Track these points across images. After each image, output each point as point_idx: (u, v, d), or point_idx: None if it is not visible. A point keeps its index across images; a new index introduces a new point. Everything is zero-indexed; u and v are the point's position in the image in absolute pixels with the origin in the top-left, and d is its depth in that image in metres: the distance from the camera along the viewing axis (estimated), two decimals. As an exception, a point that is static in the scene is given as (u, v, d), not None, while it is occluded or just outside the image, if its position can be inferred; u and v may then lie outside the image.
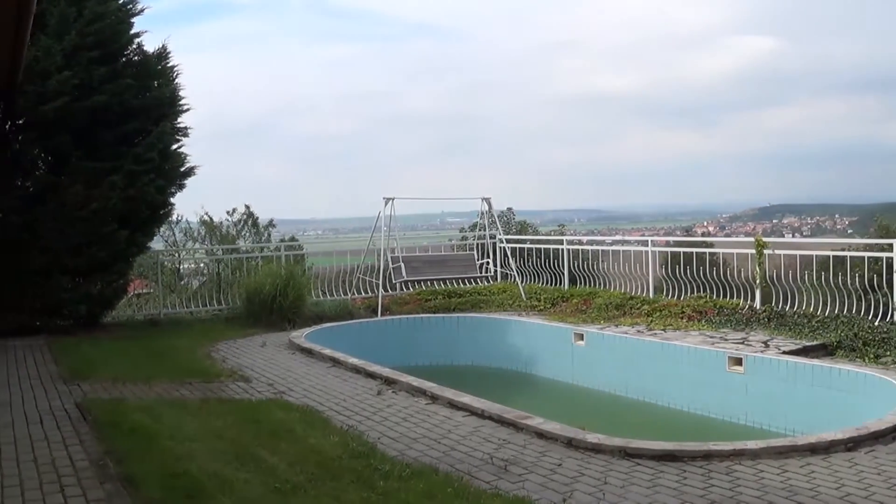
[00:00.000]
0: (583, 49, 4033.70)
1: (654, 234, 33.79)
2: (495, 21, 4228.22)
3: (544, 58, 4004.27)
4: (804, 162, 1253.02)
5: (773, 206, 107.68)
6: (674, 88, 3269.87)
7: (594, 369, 12.89)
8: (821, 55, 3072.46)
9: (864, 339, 10.98)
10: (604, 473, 6.31)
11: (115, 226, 13.67)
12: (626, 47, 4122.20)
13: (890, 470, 6.21)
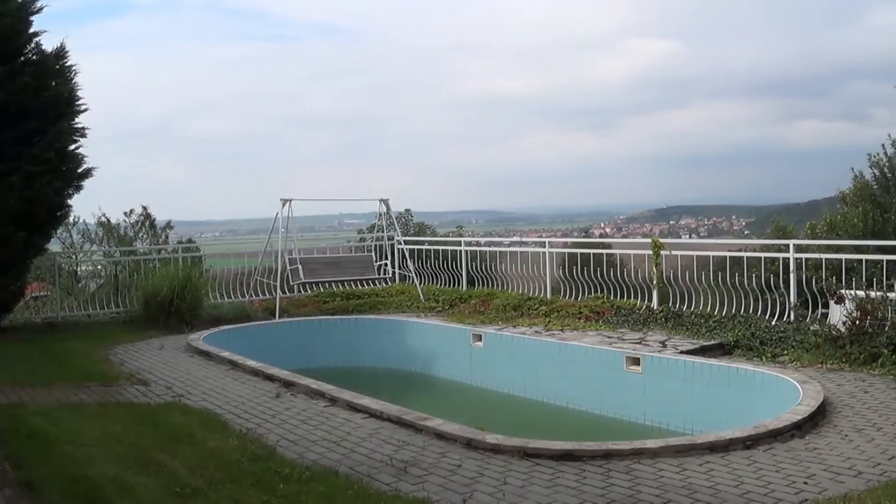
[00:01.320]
0: (483, 51, 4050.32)
1: (551, 235, 34.41)
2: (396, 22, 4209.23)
3: (445, 59, 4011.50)
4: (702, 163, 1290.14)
5: (670, 208, 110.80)
6: (573, 90, 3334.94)
7: (493, 370, 13.15)
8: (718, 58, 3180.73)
9: (761, 339, 11.42)
10: (503, 474, 6.44)
11: (12, 228, 13.35)
12: (526, 49, 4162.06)
13: (788, 467, 6.44)
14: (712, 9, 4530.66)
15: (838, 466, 6.43)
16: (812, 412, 7.71)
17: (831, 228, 22.15)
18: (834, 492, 5.82)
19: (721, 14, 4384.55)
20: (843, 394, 8.75)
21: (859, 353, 10.11)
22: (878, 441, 7.06)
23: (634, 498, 5.86)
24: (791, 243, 13.30)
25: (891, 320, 10.55)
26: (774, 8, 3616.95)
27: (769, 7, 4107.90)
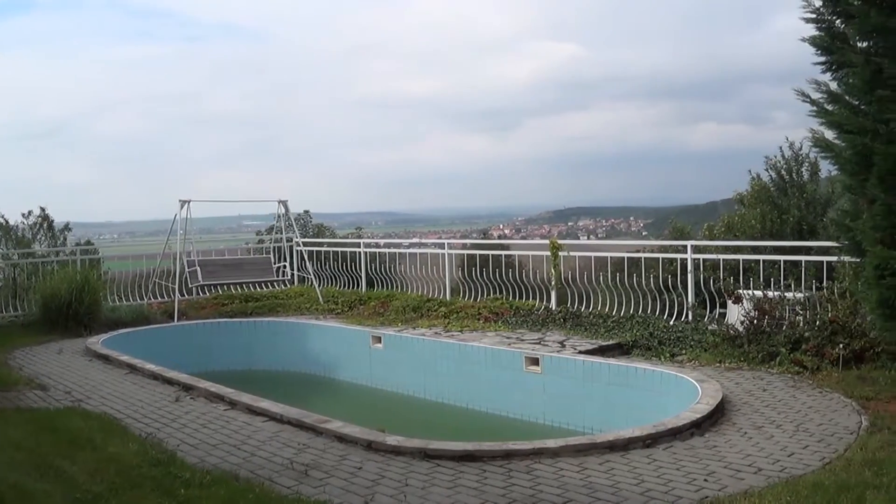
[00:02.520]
0: (387, 52, 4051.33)
1: (451, 236, 34.68)
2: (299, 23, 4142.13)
3: (348, 60, 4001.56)
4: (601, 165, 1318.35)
5: (569, 209, 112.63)
6: (476, 92, 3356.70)
7: (392, 372, 13.26)
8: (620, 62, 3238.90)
9: (659, 338, 11.69)
10: (404, 475, 6.53)
11: None
12: (430, 51, 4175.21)
13: (688, 465, 6.58)
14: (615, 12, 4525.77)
15: (738, 464, 6.59)
16: (711, 410, 7.88)
17: (729, 229, 22.73)
18: (734, 489, 5.96)
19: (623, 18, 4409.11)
20: (742, 392, 8.98)
21: (757, 352, 10.39)
22: (777, 438, 7.26)
23: (535, 498, 5.93)
24: (689, 244, 13.64)
25: (788, 319, 10.89)
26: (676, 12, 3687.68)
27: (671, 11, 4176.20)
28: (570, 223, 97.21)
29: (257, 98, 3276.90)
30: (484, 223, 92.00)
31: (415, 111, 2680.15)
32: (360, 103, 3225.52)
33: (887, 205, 7.46)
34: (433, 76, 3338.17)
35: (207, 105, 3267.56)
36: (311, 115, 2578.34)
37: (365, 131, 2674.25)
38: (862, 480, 5.89)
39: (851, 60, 7.92)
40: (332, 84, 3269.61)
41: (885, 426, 7.32)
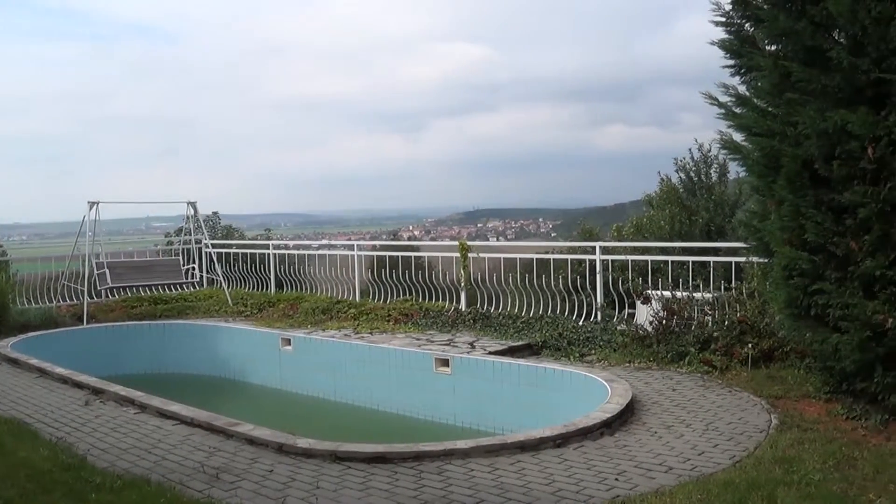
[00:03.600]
0: (299, 53, 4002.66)
1: (360, 237, 34.69)
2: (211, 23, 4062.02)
3: (259, 61, 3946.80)
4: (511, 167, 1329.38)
5: (478, 211, 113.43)
6: (385, 93, 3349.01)
7: (303, 374, 13.21)
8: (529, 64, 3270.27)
9: (568, 339, 11.81)
10: (315, 478, 6.51)
11: None
12: (342, 52, 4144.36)
13: (599, 465, 6.64)
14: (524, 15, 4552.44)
15: (649, 463, 6.67)
16: (621, 410, 7.96)
17: (638, 231, 23.15)
18: (645, 488, 6.02)
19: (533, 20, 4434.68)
20: (652, 392, 9.11)
21: (666, 352, 10.57)
22: (687, 437, 7.37)
23: (447, 499, 5.92)
24: (597, 245, 13.83)
25: (697, 320, 11.11)
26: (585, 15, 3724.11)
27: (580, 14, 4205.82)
28: (479, 224, 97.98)
29: (168, 99, 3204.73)
30: (394, 224, 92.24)
31: (325, 112, 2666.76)
32: (269, 104, 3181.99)
33: (795, 206, 7.64)
34: (343, 77, 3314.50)
35: (118, 105, 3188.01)
36: (222, 116, 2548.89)
37: (275, 132, 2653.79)
38: (772, 478, 6.01)
39: (760, 64, 8.10)
40: (243, 85, 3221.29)
41: (795, 424, 7.50)
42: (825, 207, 7.44)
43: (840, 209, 7.34)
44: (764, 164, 8.28)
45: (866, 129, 6.91)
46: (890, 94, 6.88)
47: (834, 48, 7.18)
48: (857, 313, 7.12)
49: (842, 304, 7.30)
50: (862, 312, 7.08)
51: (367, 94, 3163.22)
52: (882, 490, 5.73)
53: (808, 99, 7.47)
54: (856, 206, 7.12)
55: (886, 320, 6.94)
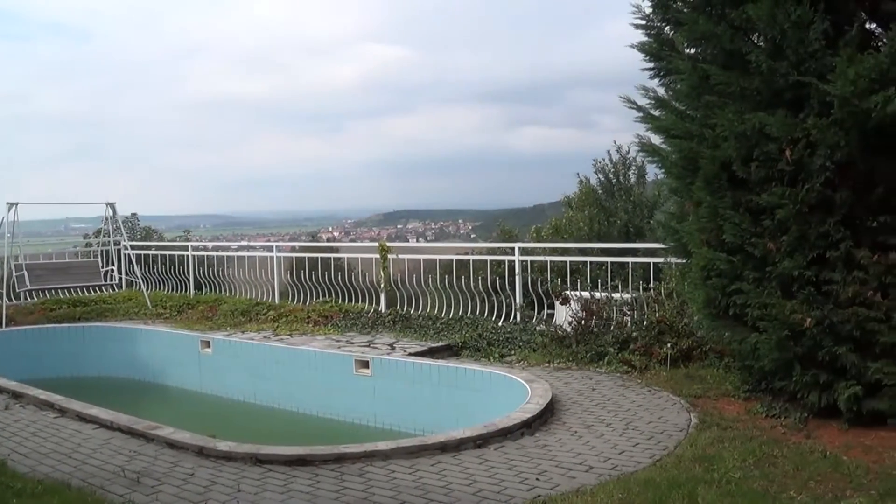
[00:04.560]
0: (218, 54, 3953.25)
1: (279, 239, 34.41)
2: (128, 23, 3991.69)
3: (177, 61, 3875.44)
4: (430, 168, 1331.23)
5: (397, 212, 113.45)
6: (304, 94, 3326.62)
7: (222, 377, 13.10)
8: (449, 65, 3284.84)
9: (488, 339, 11.80)
10: (237, 481, 6.46)
11: None
12: (261, 53, 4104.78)
13: (520, 465, 6.62)
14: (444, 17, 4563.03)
15: (569, 462, 6.66)
16: (541, 410, 7.95)
17: (556, 232, 23.30)
18: (566, 487, 6.01)
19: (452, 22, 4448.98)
20: (572, 392, 9.13)
21: (586, 352, 10.62)
22: (607, 436, 7.38)
23: (369, 501, 5.89)
24: (516, 246, 13.88)
25: (616, 320, 11.19)
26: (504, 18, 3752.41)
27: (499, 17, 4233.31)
28: (399, 226, 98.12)
29: (86, 99, 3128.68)
30: (313, 226, 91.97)
31: (244, 112, 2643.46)
32: (188, 105, 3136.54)
33: (713, 207, 7.72)
34: (264, 78, 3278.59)
35: (35, 106, 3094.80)
36: (140, 117, 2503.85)
37: (194, 133, 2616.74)
38: (693, 476, 6.05)
39: (679, 67, 8.17)
40: (161, 85, 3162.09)
41: (714, 423, 7.56)
42: (743, 209, 7.53)
43: (758, 210, 7.43)
44: (682, 166, 8.36)
45: (784, 132, 7.01)
46: (808, 96, 6.97)
47: (753, 51, 7.26)
48: (775, 313, 7.22)
49: (760, 303, 7.39)
50: (780, 312, 7.17)
51: (286, 94, 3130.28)
52: (802, 487, 5.80)
53: (726, 102, 7.55)
54: (773, 207, 7.20)
55: (804, 320, 7.04)
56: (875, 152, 6.84)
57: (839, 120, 6.69)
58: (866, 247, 6.99)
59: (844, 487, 5.78)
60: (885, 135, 6.70)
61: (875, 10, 7.17)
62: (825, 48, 6.83)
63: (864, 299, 6.90)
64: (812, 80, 6.84)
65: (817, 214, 7.06)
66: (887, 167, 6.87)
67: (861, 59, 6.49)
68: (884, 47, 6.67)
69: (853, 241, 7.02)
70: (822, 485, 5.85)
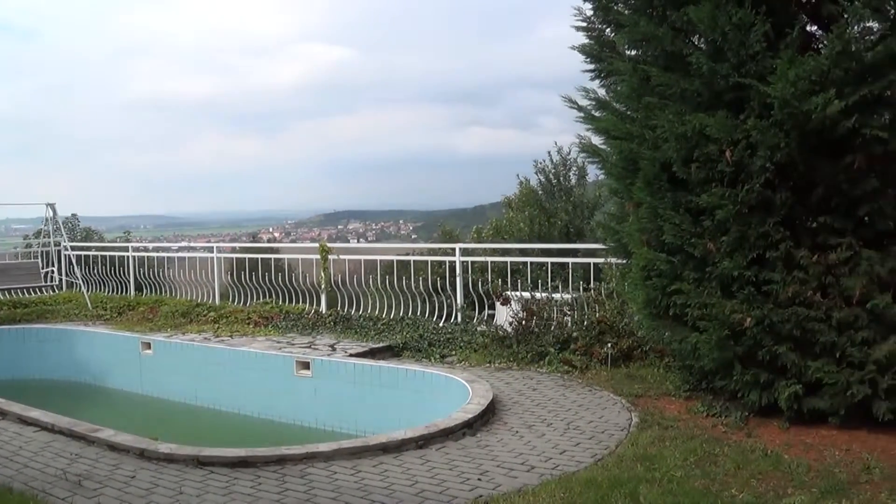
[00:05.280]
0: (159, 54, 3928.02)
1: (220, 240, 34.12)
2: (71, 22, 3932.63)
3: (120, 61, 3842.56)
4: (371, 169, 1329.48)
5: (338, 212, 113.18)
6: (246, 95, 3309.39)
7: (164, 378, 12.93)
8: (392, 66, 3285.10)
9: (429, 340, 11.75)
10: (179, 483, 6.40)
11: None
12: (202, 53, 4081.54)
13: (462, 465, 6.57)
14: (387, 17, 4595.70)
15: (511, 462, 6.62)
16: (482, 410, 7.92)
17: (497, 232, 23.32)
18: (508, 487, 5.97)
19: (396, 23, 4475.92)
20: (513, 392, 9.09)
21: (527, 352, 10.60)
22: (548, 436, 7.35)
23: (311, 502, 5.82)
24: (457, 247, 13.86)
25: (556, 320, 11.18)
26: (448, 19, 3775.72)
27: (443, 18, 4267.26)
28: (339, 226, 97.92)
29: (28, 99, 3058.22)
30: (254, 226, 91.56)
31: (185, 112, 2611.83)
32: (131, 105, 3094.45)
33: (653, 208, 7.74)
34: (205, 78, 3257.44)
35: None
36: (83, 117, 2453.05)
37: (135, 133, 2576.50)
38: (634, 475, 6.04)
39: (620, 68, 8.19)
40: (104, 85, 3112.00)
41: (655, 422, 7.57)
42: (683, 209, 7.55)
43: (698, 211, 7.46)
44: (622, 167, 8.37)
45: (725, 133, 7.04)
46: (749, 98, 7.01)
47: (694, 53, 7.29)
48: (715, 313, 7.24)
49: (700, 303, 7.41)
50: (720, 312, 7.20)
51: (230, 94, 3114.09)
52: (744, 485, 5.81)
53: (667, 103, 7.57)
54: (714, 207, 7.23)
55: (745, 319, 7.08)
56: (815, 153, 6.91)
57: (779, 121, 6.74)
58: (806, 247, 7.07)
59: (786, 485, 5.81)
60: (825, 136, 6.78)
61: (816, 13, 7.24)
62: (766, 50, 6.87)
63: (804, 299, 6.97)
64: (753, 82, 6.87)
65: (757, 215, 7.11)
66: (827, 168, 6.94)
67: (802, 62, 6.55)
68: (824, 49, 6.74)
69: (793, 241, 7.08)
70: (763, 483, 5.88)
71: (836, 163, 6.89)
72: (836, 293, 6.96)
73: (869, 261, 6.85)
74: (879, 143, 6.67)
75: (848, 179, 6.88)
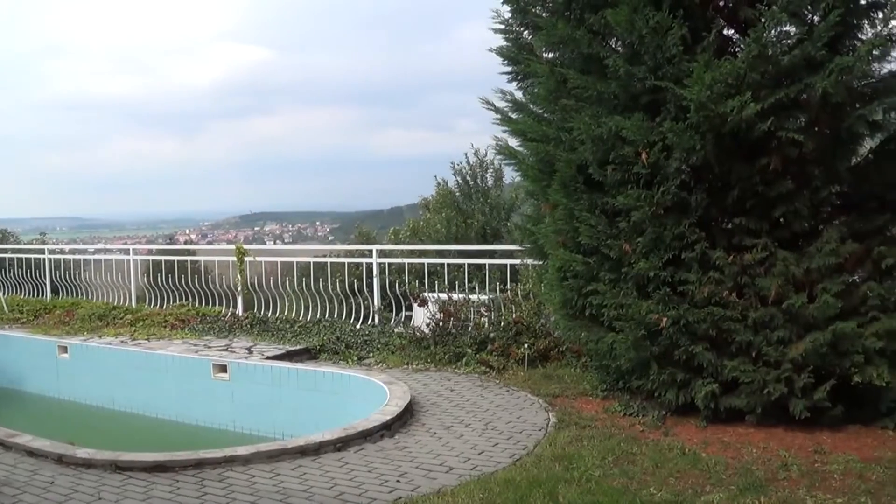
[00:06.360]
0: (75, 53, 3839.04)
1: (136, 242, 33.53)
2: None
3: (33, 61, 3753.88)
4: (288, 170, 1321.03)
5: (255, 214, 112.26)
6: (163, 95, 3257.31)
7: (81, 382, 12.65)
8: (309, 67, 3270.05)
9: (346, 342, 11.60)
10: (97, 489, 6.26)
11: None
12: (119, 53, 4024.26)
13: (380, 467, 6.48)
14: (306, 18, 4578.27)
15: (430, 464, 6.55)
16: (400, 412, 7.84)
17: (414, 234, 23.26)
18: (427, 489, 5.90)
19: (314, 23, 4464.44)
20: (430, 393, 9.01)
21: (444, 353, 10.52)
22: (466, 437, 7.28)
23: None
24: (374, 248, 13.82)
25: (474, 321, 11.13)
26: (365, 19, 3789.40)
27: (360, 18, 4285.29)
28: (256, 228, 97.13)
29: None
30: (170, 228, 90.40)
31: (101, 113, 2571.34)
32: (43, 105, 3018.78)
33: (569, 209, 7.72)
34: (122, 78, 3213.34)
35: None
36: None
37: (51, 133, 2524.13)
38: (553, 475, 6.00)
39: (537, 70, 8.16)
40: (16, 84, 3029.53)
41: (573, 422, 7.54)
42: (599, 211, 7.55)
43: (614, 212, 7.48)
44: (539, 169, 8.35)
45: (641, 135, 7.04)
46: (665, 101, 7.03)
47: (611, 56, 7.30)
48: (631, 313, 7.25)
49: (616, 304, 7.41)
50: (636, 312, 7.21)
51: (145, 94, 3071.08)
52: (662, 484, 5.80)
53: (583, 105, 7.57)
54: (629, 209, 7.24)
55: (661, 320, 7.09)
56: (730, 156, 6.96)
57: (695, 124, 6.77)
58: (722, 248, 7.12)
59: (704, 483, 5.82)
60: (741, 139, 6.83)
61: (733, 17, 7.30)
62: (683, 54, 6.90)
63: (719, 299, 7.02)
64: (669, 85, 6.89)
65: (673, 216, 7.14)
66: (743, 170, 7.00)
67: (718, 65, 6.60)
68: (741, 53, 6.80)
69: (708, 242, 7.13)
70: (681, 481, 5.88)
71: (751, 165, 6.96)
72: (752, 293, 7.03)
73: (784, 261, 6.92)
74: (795, 145, 6.76)
75: (763, 181, 6.96)
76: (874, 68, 6.91)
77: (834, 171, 7.10)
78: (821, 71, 6.56)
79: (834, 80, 6.49)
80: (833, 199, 7.13)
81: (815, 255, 6.93)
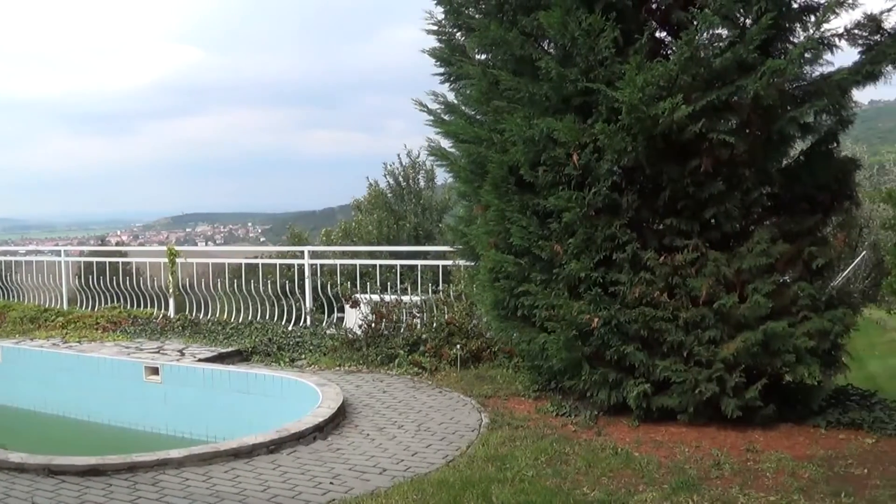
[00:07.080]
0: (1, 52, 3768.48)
1: (68, 243, 32.94)
2: None
3: None
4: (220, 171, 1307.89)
5: (186, 215, 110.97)
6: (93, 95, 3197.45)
7: (12, 385, 12.30)
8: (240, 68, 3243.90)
9: (278, 344, 11.48)
10: (30, 493, 6.11)
11: None
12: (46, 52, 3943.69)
13: (313, 469, 6.38)
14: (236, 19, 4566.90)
15: (363, 465, 6.47)
16: (333, 414, 7.75)
17: (346, 235, 23.14)
18: (361, 490, 5.83)
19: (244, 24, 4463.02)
20: (363, 394, 8.91)
21: (376, 355, 10.44)
22: (399, 438, 7.21)
23: (164, 510, 5.60)
24: (306, 250, 13.69)
25: (406, 322, 11.07)
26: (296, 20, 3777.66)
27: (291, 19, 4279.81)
28: (188, 229, 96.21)
29: None
30: (102, 229, 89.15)
31: (29, 112, 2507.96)
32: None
33: (500, 211, 7.69)
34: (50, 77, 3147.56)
35: None
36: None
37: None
38: (486, 475, 5.95)
39: (469, 72, 8.14)
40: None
41: (505, 422, 7.51)
42: (530, 212, 7.54)
43: (545, 214, 7.47)
44: (470, 171, 8.32)
45: (572, 137, 7.04)
46: (597, 103, 7.05)
47: (543, 58, 7.28)
48: (563, 314, 7.23)
49: (548, 304, 7.40)
50: (568, 313, 7.19)
51: (75, 94, 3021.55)
52: (595, 483, 5.79)
53: (515, 107, 7.55)
54: (560, 210, 7.23)
55: (592, 320, 7.10)
56: (662, 157, 6.99)
57: (627, 126, 6.79)
58: (653, 249, 7.15)
59: (637, 482, 5.81)
60: (673, 140, 6.86)
61: (666, 20, 7.34)
62: (615, 56, 6.92)
63: (650, 299, 7.04)
64: (601, 87, 6.90)
65: (604, 217, 7.15)
66: (674, 172, 7.03)
67: (650, 67, 6.62)
68: (673, 56, 6.83)
69: (640, 243, 7.16)
70: (614, 480, 5.86)
71: (682, 166, 7.00)
72: (683, 293, 7.07)
73: (715, 262, 6.98)
74: (726, 147, 6.81)
75: (695, 182, 7.01)
76: (806, 71, 7.01)
77: (765, 173, 7.19)
78: (752, 73, 6.63)
79: (766, 83, 6.56)
80: (764, 201, 7.22)
81: (746, 255, 7.00)
